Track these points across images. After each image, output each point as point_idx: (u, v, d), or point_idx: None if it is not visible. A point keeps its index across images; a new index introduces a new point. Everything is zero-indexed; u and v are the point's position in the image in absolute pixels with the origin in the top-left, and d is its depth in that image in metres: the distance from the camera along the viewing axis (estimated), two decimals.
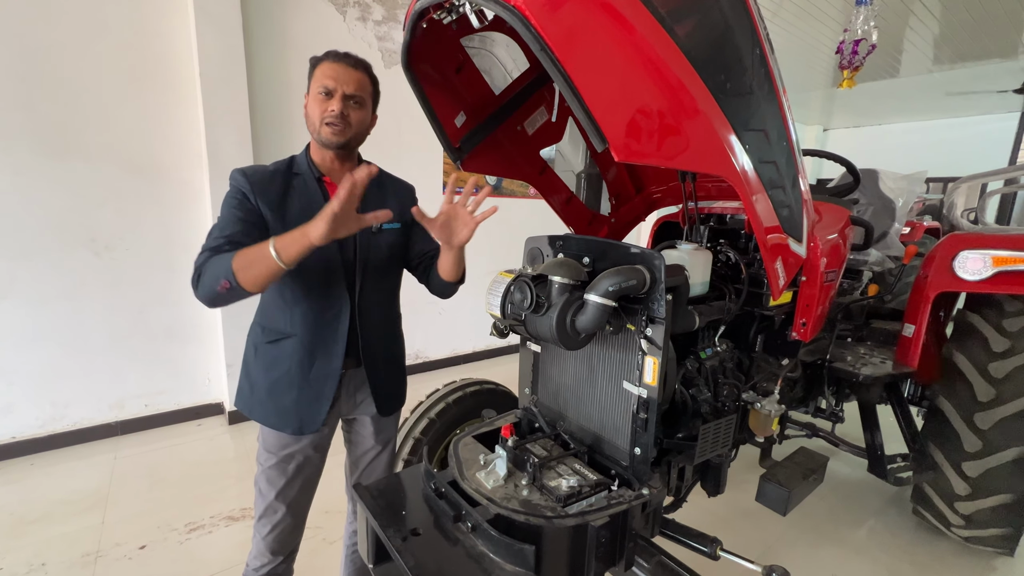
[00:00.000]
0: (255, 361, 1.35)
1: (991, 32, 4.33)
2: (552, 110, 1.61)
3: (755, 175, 1.14)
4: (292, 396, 1.31)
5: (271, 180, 1.26)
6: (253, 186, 1.23)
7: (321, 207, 1.20)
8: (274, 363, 1.32)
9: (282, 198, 1.25)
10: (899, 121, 8.37)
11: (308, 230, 1.05)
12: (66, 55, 2.65)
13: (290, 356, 1.30)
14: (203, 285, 1.13)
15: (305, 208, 1.25)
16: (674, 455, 1.43)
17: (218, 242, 1.16)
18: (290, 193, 1.27)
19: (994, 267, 1.86)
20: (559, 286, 1.15)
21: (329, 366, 1.33)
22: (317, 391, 1.33)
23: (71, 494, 2.47)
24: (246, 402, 1.37)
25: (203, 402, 3.36)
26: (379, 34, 3.70)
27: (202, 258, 1.16)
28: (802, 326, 1.64)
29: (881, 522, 2.45)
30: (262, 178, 1.25)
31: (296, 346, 1.30)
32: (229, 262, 1.08)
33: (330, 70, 1.21)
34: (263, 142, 3.22)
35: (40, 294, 2.74)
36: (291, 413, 1.32)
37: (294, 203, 1.27)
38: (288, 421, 1.32)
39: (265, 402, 1.33)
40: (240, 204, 1.22)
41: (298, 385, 1.31)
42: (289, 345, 1.30)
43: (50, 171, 2.68)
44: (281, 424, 1.32)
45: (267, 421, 1.33)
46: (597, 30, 0.86)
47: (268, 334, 1.33)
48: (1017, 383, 1.87)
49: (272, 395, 1.32)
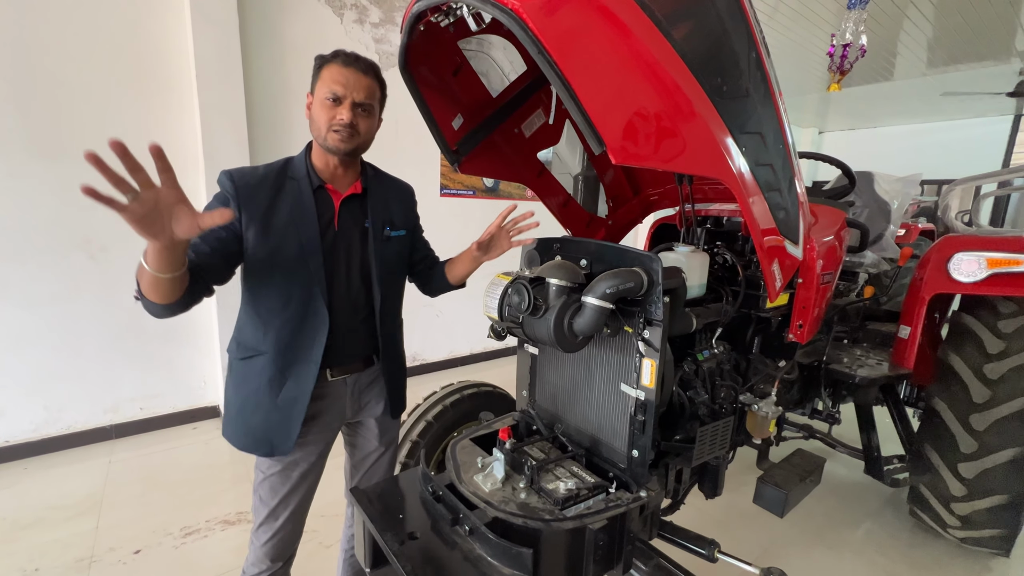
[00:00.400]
0: (229, 378, 1.30)
1: (983, 36, 4.37)
2: (549, 113, 1.62)
3: (751, 178, 1.14)
4: (260, 416, 1.25)
5: (259, 185, 1.20)
6: (239, 191, 1.17)
7: (312, 216, 1.22)
8: (244, 381, 1.26)
9: (270, 204, 1.20)
10: (894, 124, 8.42)
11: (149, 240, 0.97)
12: (61, 56, 2.64)
13: (259, 374, 1.24)
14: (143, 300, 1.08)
15: (295, 215, 1.21)
16: (672, 457, 1.43)
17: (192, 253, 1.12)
18: (280, 198, 1.21)
19: (988, 269, 1.87)
20: (556, 288, 1.15)
21: (299, 388, 1.25)
22: (287, 414, 1.26)
23: (65, 498, 2.44)
24: (223, 420, 1.33)
25: (198, 405, 3.34)
26: (376, 36, 3.70)
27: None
28: (799, 328, 1.65)
29: (878, 524, 2.45)
30: (249, 182, 1.19)
31: (266, 364, 1.24)
32: (139, 269, 1.01)
33: (340, 75, 1.16)
34: (260, 144, 3.22)
35: (34, 296, 2.72)
36: (259, 434, 1.26)
37: (283, 210, 1.21)
38: (260, 443, 1.27)
39: (235, 422, 1.27)
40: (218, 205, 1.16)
41: (265, 406, 1.25)
42: (259, 363, 1.24)
43: (45, 172, 2.66)
44: (253, 446, 1.27)
45: (236, 442, 1.28)
46: (594, 33, 0.86)
47: (242, 350, 1.27)
48: (1012, 384, 1.88)
49: (241, 415, 1.26)
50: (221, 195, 1.19)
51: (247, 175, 1.20)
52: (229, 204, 1.16)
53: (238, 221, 1.17)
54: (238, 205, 1.17)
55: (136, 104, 2.87)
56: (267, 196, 1.20)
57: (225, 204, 1.16)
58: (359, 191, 1.32)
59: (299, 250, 1.22)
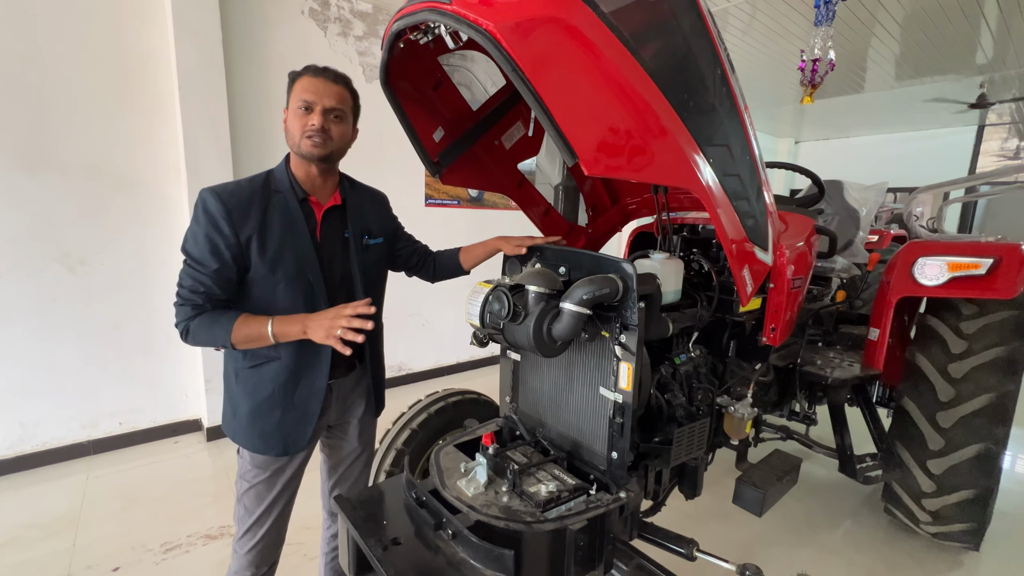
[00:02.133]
0: (236, 386, 1.33)
1: (945, 51, 4.57)
2: (529, 125, 1.66)
3: (719, 187, 1.20)
4: (275, 418, 1.30)
5: (249, 203, 1.21)
6: (231, 212, 1.17)
7: (303, 228, 1.27)
8: (257, 387, 1.30)
9: (263, 221, 1.21)
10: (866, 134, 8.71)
11: (308, 329, 1.17)
12: (42, 68, 2.62)
13: (273, 379, 1.29)
14: (195, 341, 1.22)
15: (287, 229, 1.24)
16: (651, 459, 1.46)
17: (199, 298, 1.19)
18: (270, 213, 1.23)
19: (949, 272, 1.96)
20: (535, 295, 1.18)
21: (313, 386, 1.32)
22: (302, 411, 1.32)
23: (40, 517, 2.39)
24: (230, 426, 1.36)
25: (180, 419, 3.29)
26: (360, 49, 3.74)
27: (184, 313, 1.19)
28: (771, 331, 1.71)
29: (856, 522, 2.52)
30: (239, 202, 1.19)
31: (280, 369, 1.29)
32: (227, 334, 1.18)
33: (309, 84, 1.21)
34: (243, 156, 3.22)
35: (10, 310, 2.67)
36: (275, 435, 1.31)
37: (275, 225, 1.23)
38: (272, 444, 1.31)
39: (248, 427, 1.31)
40: (214, 250, 1.17)
41: (281, 408, 1.30)
42: (272, 369, 1.29)
43: (23, 185, 2.63)
44: (265, 447, 1.31)
45: (251, 445, 1.32)
46: (565, 53, 0.91)
47: (250, 359, 1.30)
48: (975, 383, 1.97)
49: (255, 419, 1.30)
50: (211, 217, 1.17)
51: (235, 194, 1.21)
52: (219, 229, 1.17)
53: (235, 244, 1.19)
54: (232, 227, 1.18)
55: (118, 117, 2.85)
56: (259, 212, 1.22)
57: (216, 226, 1.17)
58: (339, 202, 1.36)
59: (297, 262, 1.25)
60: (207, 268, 1.18)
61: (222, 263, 1.18)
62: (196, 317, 1.19)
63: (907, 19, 3.93)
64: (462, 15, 0.88)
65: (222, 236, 1.17)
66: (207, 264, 1.18)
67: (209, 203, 1.18)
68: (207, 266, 1.18)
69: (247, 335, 1.19)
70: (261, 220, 1.21)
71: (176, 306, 1.21)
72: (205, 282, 1.18)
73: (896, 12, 3.81)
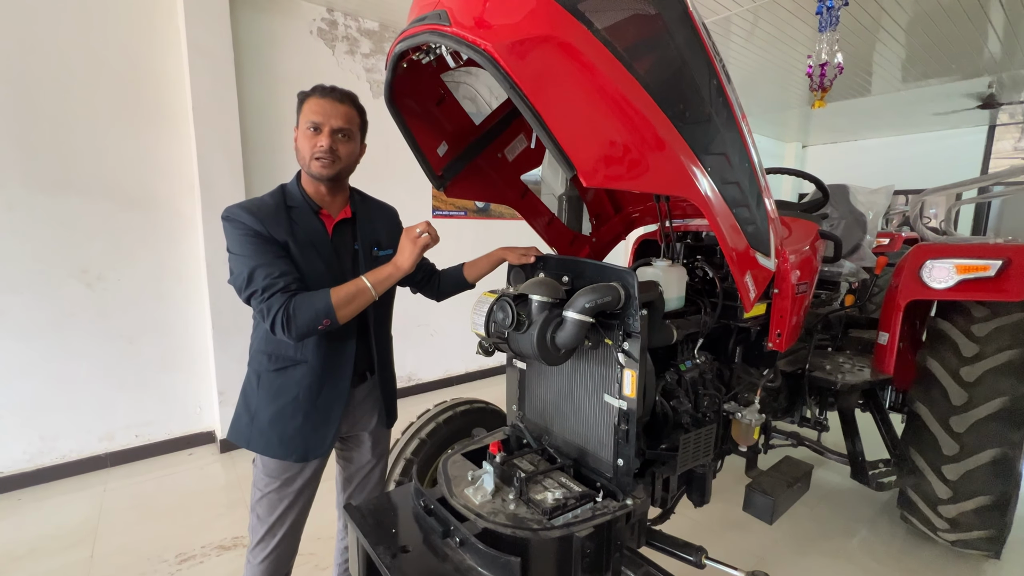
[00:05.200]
0: (257, 390, 1.35)
1: (951, 53, 4.56)
2: (531, 138, 1.70)
3: (718, 195, 1.22)
4: (297, 422, 1.32)
5: (275, 215, 1.27)
6: (264, 222, 1.23)
7: (322, 238, 1.33)
8: (281, 391, 1.32)
9: (289, 231, 1.27)
10: (874, 137, 8.65)
11: (398, 262, 1.24)
12: (62, 91, 2.72)
13: (298, 382, 1.32)
14: (299, 325, 1.18)
15: (309, 239, 1.30)
16: (658, 466, 1.46)
17: (283, 281, 1.19)
18: (293, 225, 1.29)
19: (958, 275, 1.94)
20: (538, 304, 1.20)
21: (336, 389, 1.36)
22: (325, 415, 1.35)
23: (59, 528, 2.43)
24: (243, 433, 1.36)
25: (194, 431, 3.34)
26: (367, 66, 3.83)
27: (278, 300, 1.18)
28: (777, 337, 1.71)
29: (872, 530, 2.47)
30: (268, 214, 1.26)
31: (306, 372, 1.32)
32: (327, 302, 1.18)
33: (317, 106, 1.26)
34: (255, 173, 3.30)
35: (30, 326, 2.75)
36: (295, 440, 1.33)
37: (299, 234, 1.29)
38: (293, 449, 1.33)
39: (267, 431, 1.33)
40: (265, 241, 1.23)
41: (304, 411, 1.33)
42: (298, 372, 1.32)
43: (43, 205, 2.72)
44: (285, 452, 1.33)
45: (268, 451, 1.33)
46: (562, 70, 0.94)
47: (275, 361, 1.33)
48: (988, 386, 1.94)
49: (275, 423, 1.32)
50: (249, 229, 1.22)
51: (262, 208, 1.27)
52: (263, 236, 1.23)
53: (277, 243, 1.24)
54: (269, 234, 1.23)
55: (134, 137, 2.95)
56: (285, 224, 1.28)
57: (264, 236, 1.23)
58: (349, 215, 1.40)
59: (323, 269, 1.30)
60: (270, 256, 1.21)
61: (277, 247, 1.23)
62: (291, 299, 1.18)
63: (911, 23, 3.93)
64: (461, 36, 0.91)
65: (265, 236, 1.23)
66: (267, 253, 1.21)
67: (242, 216, 1.23)
68: (268, 254, 1.21)
69: (347, 294, 1.20)
70: (288, 231, 1.27)
71: (263, 303, 1.19)
72: (278, 266, 1.21)
73: (899, 16, 3.81)
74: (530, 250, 1.51)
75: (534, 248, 1.52)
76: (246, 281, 1.19)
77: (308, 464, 1.38)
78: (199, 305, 3.20)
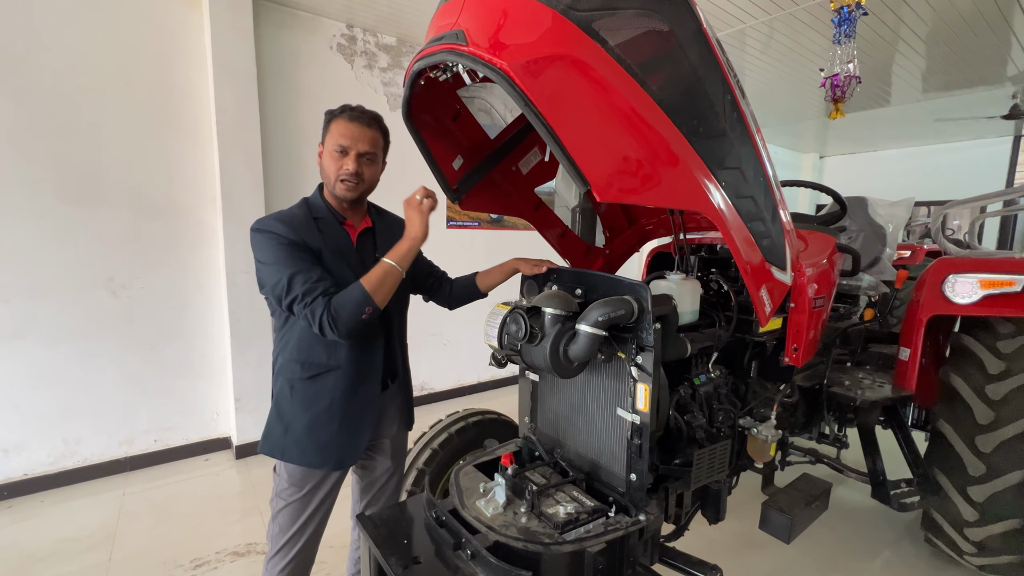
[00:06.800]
0: (291, 399, 1.36)
1: (974, 63, 4.49)
2: (545, 151, 1.71)
3: (733, 209, 1.21)
4: (333, 429, 1.34)
5: (305, 225, 1.31)
6: (297, 231, 1.27)
7: (349, 247, 1.38)
8: (315, 398, 1.34)
9: (320, 241, 1.32)
10: (894, 147, 8.52)
11: (412, 233, 1.27)
12: (93, 107, 2.84)
13: (332, 389, 1.34)
14: (345, 320, 1.21)
15: (337, 248, 1.34)
16: (672, 481, 1.45)
17: (321, 286, 1.23)
18: (322, 235, 1.34)
19: (982, 290, 1.90)
20: (551, 317, 1.21)
21: (370, 393, 1.39)
22: (359, 420, 1.38)
23: (79, 531, 2.48)
24: (277, 444, 1.36)
25: (211, 437, 3.40)
26: (384, 80, 3.91)
27: (320, 303, 1.21)
28: (794, 351, 1.68)
29: (895, 551, 2.40)
30: (299, 224, 1.30)
31: (340, 378, 1.34)
32: (362, 291, 1.21)
33: (345, 129, 1.31)
34: (275, 186, 3.38)
35: (57, 332, 2.84)
36: (331, 447, 1.35)
37: (328, 244, 1.33)
38: (328, 456, 1.35)
39: (303, 440, 1.34)
40: (301, 249, 1.26)
41: (339, 418, 1.35)
42: (332, 378, 1.34)
43: (73, 215, 2.82)
44: (320, 461, 1.34)
45: (303, 460, 1.34)
46: (576, 87, 0.95)
47: (308, 369, 1.35)
48: (1015, 405, 1.87)
49: (312, 431, 1.34)
50: (283, 239, 1.26)
51: (292, 219, 1.31)
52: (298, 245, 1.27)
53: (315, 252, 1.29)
54: (304, 242, 1.28)
55: (160, 149, 3.05)
56: (315, 234, 1.32)
57: (298, 245, 1.26)
58: (370, 225, 1.47)
59: (351, 276, 1.32)
60: (306, 263, 1.25)
61: (311, 255, 1.27)
62: (331, 300, 1.22)
63: (931, 35, 3.89)
64: (478, 55, 0.94)
65: (300, 244, 1.27)
66: (303, 260, 1.25)
67: (275, 227, 1.27)
68: (304, 261, 1.25)
69: (377, 278, 1.23)
70: (319, 240, 1.31)
71: (306, 308, 1.21)
72: (315, 272, 1.24)
73: (919, 28, 3.77)
74: (543, 262, 1.52)
75: (547, 260, 1.53)
76: (286, 288, 1.22)
77: (332, 474, 1.40)
78: (218, 313, 3.27)
